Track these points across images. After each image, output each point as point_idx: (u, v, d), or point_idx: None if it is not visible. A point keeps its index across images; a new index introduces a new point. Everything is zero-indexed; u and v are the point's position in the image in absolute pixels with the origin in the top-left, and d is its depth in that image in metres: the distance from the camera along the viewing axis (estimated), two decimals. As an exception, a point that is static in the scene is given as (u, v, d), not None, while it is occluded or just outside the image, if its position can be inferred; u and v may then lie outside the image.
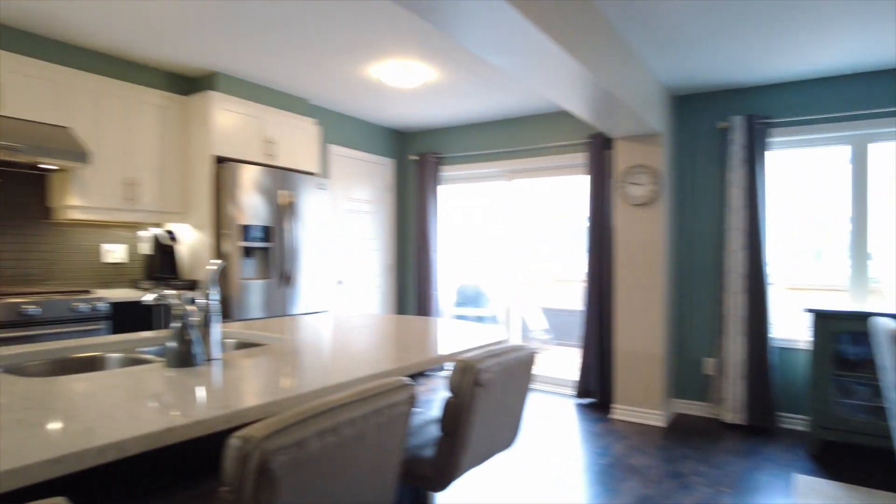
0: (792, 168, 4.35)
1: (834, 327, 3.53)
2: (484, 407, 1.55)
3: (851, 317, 3.48)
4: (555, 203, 6.78)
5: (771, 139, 4.20)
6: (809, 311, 3.63)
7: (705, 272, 4.47)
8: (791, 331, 4.24)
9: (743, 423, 4.12)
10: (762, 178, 4.13)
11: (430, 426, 1.81)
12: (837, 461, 3.47)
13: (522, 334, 5.72)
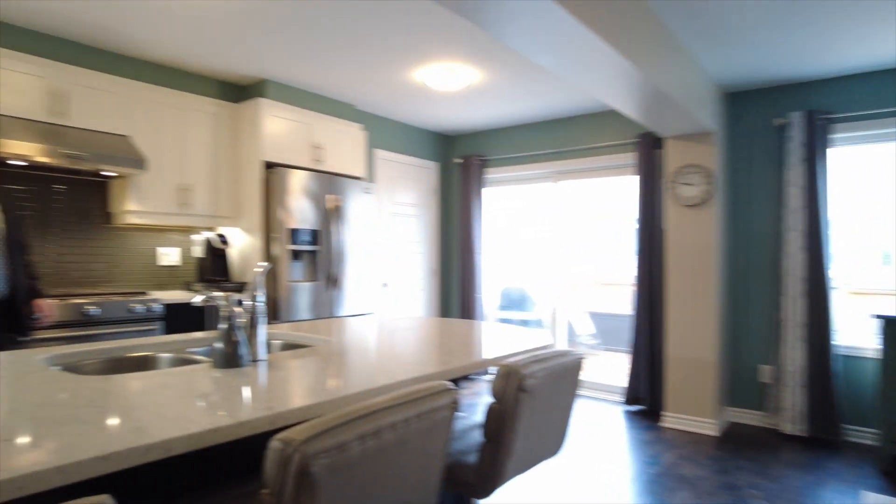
0: (856, 165, 4.11)
1: (905, 335, 3.32)
2: (528, 413, 1.51)
3: (925, 324, 3.26)
4: (602, 205, 6.64)
5: (833, 135, 3.99)
6: (878, 318, 3.41)
7: (761, 275, 4.27)
8: (856, 338, 4.00)
9: (804, 434, 3.91)
10: (823, 177, 3.92)
11: (473, 431, 1.79)
12: (909, 478, 3.26)
13: (569, 339, 5.62)
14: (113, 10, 3.09)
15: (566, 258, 5.41)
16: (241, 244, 4.23)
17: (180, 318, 3.52)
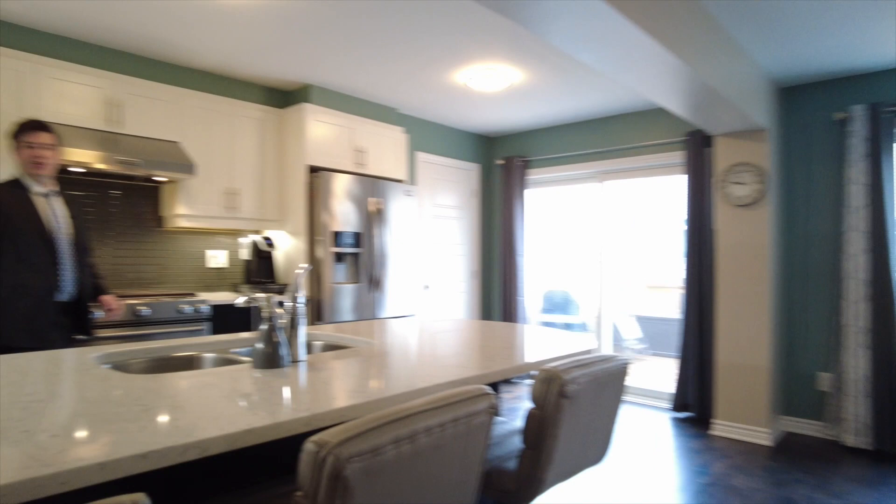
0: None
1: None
2: (570, 420, 1.47)
3: None
4: (649, 205, 6.47)
5: (899, 130, 3.76)
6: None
7: (820, 278, 4.06)
8: (926, 345, 3.75)
9: (868, 447, 3.69)
10: (890, 173, 3.70)
11: (514, 437, 1.75)
12: None
13: (614, 343, 5.49)
14: (164, 21, 3.20)
15: (611, 260, 5.29)
16: (287, 247, 4.31)
17: (227, 319, 3.61)
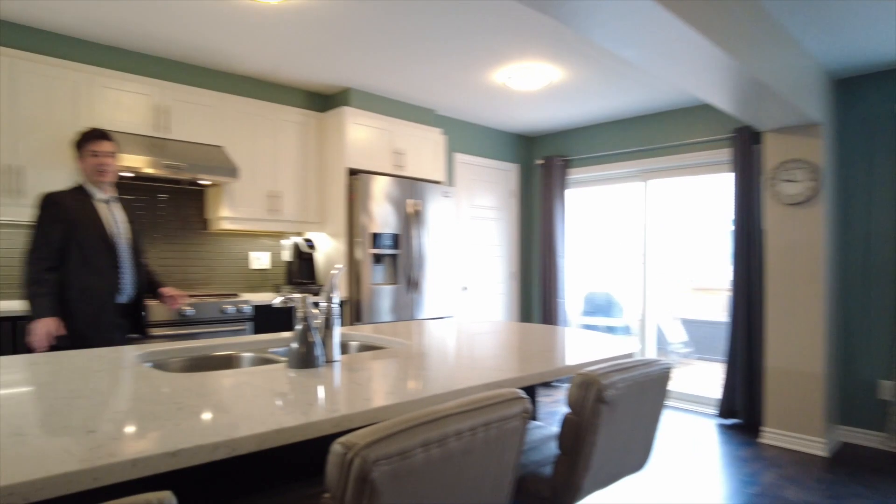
0: None
1: None
2: (608, 426, 1.42)
3: None
4: (694, 205, 6.28)
5: (968, 123, 3.53)
6: None
7: (882, 280, 3.84)
8: None
9: (933, 460, 3.47)
10: (956, 170, 3.47)
11: (550, 442, 1.71)
12: None
13: (659, 347, 5.35)
14: (209, 28, 3.28)
15: (655, 262, 5.15)
16: (327, 248, 4.37)
17: (268, 319, 3.68)
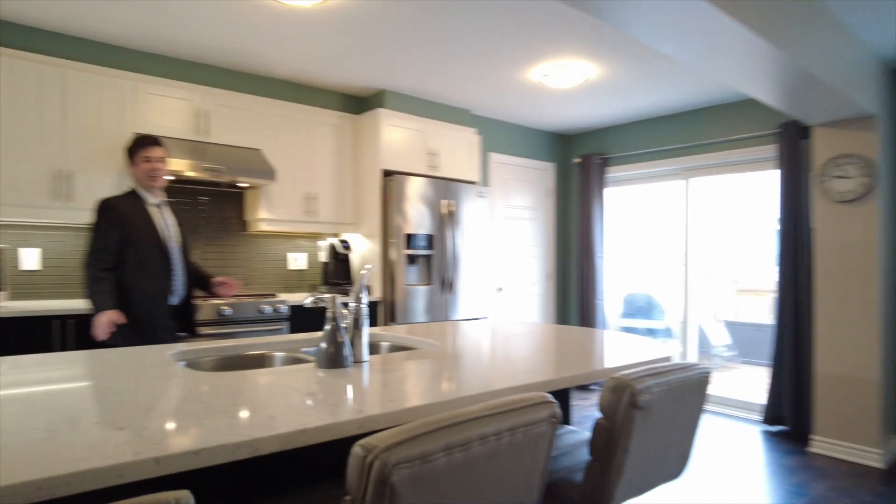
0: None
1: None
2: (642, 432, 1.37)
3: None
4: (738, 203, 6.07)
5: None
6: None
7: (941, 282, 3.63)
8: None
9: None
10: None
11: (583, 447, 1.67)
12: None
13: (701, 350, 5.19)
14: (247, 33, 3.35)
15: (698, 262, 5.00)
16: (362, 249, 4.40)
17: (304, 319, 3.73)
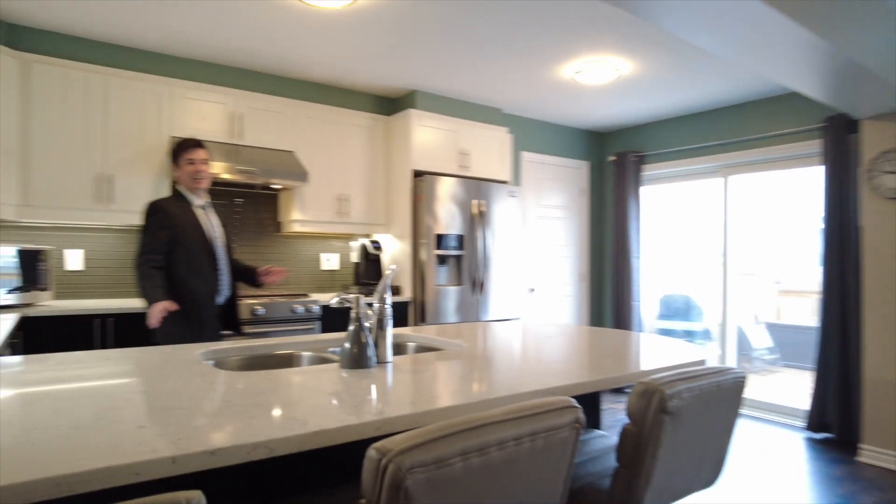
0: None
1: None
2: (672, 438, 1.32)
3: None
4: (780, 201, 5.86)
5: None
6: None
7: None
8: None
9: None
10: None
11: (612, 453, 1.63)
12: None
13: (742, 352, 5.03)
14: (279, 37, 3.40)
15: (737, 262, 4.85)
16: (393, 250, 4.41)
17: (335, 319, 3.76)
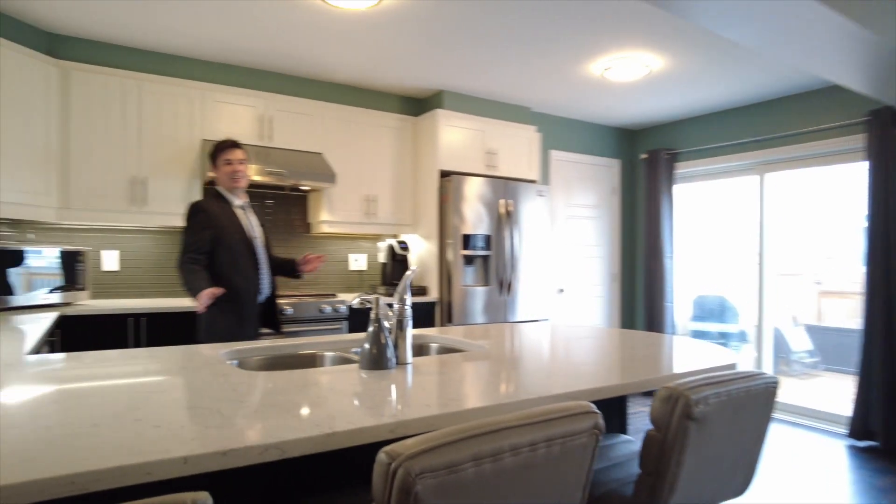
0: None
1: None
2: (698, 445, 1.28)
3: None
4: (819, 198, 5.65)
5: None
6: None
7: None
8: None
9: None
10: None
11: (637, 459, 1.58)
12: None
13: (780, 355, 4.87)
14: (307, 39, 3.43)
15: (775, 262, 4.69)
16: (420, 250, 4.42)
17: (362, 319, 3.78)
